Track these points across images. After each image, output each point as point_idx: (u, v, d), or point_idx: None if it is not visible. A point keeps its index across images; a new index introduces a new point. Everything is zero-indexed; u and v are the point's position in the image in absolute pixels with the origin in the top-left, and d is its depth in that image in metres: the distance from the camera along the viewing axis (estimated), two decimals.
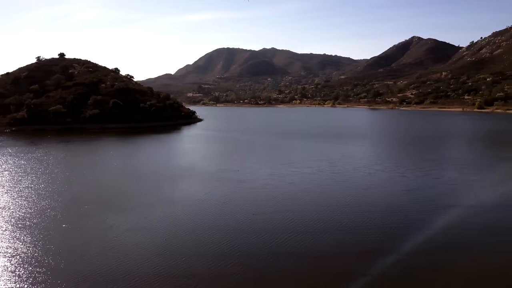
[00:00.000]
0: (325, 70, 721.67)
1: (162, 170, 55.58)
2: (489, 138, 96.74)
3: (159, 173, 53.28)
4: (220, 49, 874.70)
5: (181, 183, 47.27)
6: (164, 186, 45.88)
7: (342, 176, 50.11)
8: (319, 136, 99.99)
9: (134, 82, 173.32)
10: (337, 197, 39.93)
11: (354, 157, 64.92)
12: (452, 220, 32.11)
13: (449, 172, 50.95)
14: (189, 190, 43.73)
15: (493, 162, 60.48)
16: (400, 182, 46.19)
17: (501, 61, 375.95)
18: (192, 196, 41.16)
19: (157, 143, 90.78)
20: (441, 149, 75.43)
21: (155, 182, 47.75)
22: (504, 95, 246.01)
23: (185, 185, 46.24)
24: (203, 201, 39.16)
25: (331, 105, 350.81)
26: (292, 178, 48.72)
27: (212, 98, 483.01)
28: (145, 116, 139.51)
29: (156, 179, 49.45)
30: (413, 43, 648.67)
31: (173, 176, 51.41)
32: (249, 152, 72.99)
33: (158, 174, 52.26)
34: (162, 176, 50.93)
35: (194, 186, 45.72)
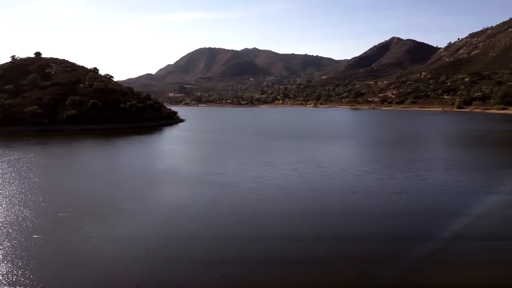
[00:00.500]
0: (307, 70, 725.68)
1: (143, 173, 53.30)
2: (473, 138, 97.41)
3: (140, 177, 51.01)
4: (202, 49, 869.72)
5: (163, 188, 45.15)
6: (146, 191, 43.70)
7: (330, 178, 48.87)
8: (303, 137, 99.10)
9: (114, 82, 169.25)
10: (327, 201, 38.55)
11: (340, 158, 63.90)
12: (448, 225, 31.15)
13: (437, 173, 50.32)
14: (172, 195, 41.68)
15: (480, 162, 60.31)
16: (389, 184, 45.21)
17: (478, 62, 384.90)
18: (175, 201, 39.15)
19: (138, 145, 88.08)
20: (426, 149, 75.21)
21: (136, 186, 45.51)
22: (482, 95, 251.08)
23: (168, 190, 44.16)
24: (187, 206, 37.23)
25: (313, 105, 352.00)
26: (279, 181, 47.22)
27: (194, 98, 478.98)
28: (125, 117, 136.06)
29: (137, 183, 47.20)
30: (392, 43, 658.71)
31: (154, 180, 49.21)
32: (233, 154, 71.25)
33: (139, 178, 50.00)
34: (143, 180, 48.69)
35: (177, 190, 43.69)
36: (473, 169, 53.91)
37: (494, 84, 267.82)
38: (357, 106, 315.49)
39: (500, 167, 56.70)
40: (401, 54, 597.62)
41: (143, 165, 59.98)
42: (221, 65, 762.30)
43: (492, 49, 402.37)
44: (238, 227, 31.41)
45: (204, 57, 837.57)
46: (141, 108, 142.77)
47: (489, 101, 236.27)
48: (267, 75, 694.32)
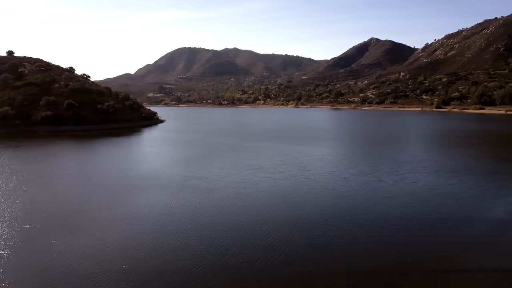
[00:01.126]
0: (287, 70, 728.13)
1: (122, 178, 50.48)
2: (455, 137, 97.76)
3: (118, 182, 48.21)
4: (182, 49, 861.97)
5: (143, 194, 42.53)
6: (124, 198, 41.03)
7: (317, 182, 47.22)
8: (287, 138, 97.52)
9: (91, 82, 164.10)
10: (316, 207, 36.78)
11: (326, 160, 62.50)
12: (445, 231, 29.82)
13: (425, 175, 49.29)
14: (152, 203, 39.15)
15: (466, 163, 59.83)
16: (378, 188, 43.86)
17: (454, 62, 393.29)
18: (156, 210, 36.69)
19: (116, 147, 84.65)
20: (411, 150, 74.60)
21: (114, 193, 42.76)
22: (459, 95, 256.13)
23: (148, 196, 41.59)
24: (169, 215, 34.83)
25: (295, 105, 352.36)
26: (265, 186, 45.29)
27: (174, 98, 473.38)
28: (103, 117, 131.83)
29: (115, 189, 44.44)
30: (371, 44, 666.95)
31: (133, 185, 46.50)
32: (216, 156, 68.94)
33: (117, 184, 47.21)
34: (122, 186, 45.94)
35: (158, 197, 41.17)
36: (459, 170, 53.16)
37: (471, 85, 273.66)
38: (338, 106, 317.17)
39: (487, 169, 56.32)
40: (380, 54, 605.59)
41: (122, 169, 57.07)
42: (201, 65, 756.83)
43: (467, 50, 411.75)
44: (225, 237, 29.28)
45: (184, 57, 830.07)
46: (119, 109, 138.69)
47: (466, 101, 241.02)
48: (248, 75, 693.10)
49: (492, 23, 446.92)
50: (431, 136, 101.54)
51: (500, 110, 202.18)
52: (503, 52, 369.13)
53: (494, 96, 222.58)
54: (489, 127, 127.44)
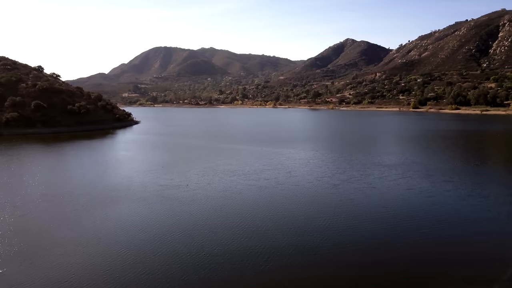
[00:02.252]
0: (264, 70, 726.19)
1: (91, 188, 45.72)
2: (439, 138, 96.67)
3: (87, 193, 43.48)
4: (157, 48, 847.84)
5: (114, 208, 38.07)
6: (93, 213, 36.51)
7: (306, 190, 43.89)
8: (268, 140, 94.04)
9: (61, 82, 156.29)
10: (310, 221, 33.26)
11: (312, 164, 59.34)
12: (450, 248, 26.92)
13: (419, 181, 46.70)
14: (124, 218, 34.81)
15: (456, 166, 57.85)
16: (372, 195, 40.87)
17: (428, 63, 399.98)
18: (129, 227, 32.43)
19: (87, 152, 79.07)
20: (398, 152, 72.25)
21: (82, 207, 38.16)
22: (435, 95, 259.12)
23: (120, 210, 37.21)
24: (144, 233, 30.66)
25: (273, 106, 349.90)
26: (251, 195, 41.62)
27: (150, 98, 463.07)
28: (74, 119, 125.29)
29: (83, 202, 39.80)
30: (347, 45, 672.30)
31: (104, 197, 41.92)
32: (195, 161, 64.69)
33: (86, 195, 42.50)
34: (91, 198, 41.31)
35: (131, 211, 36.84)
36: (452, 175, 50.94)
37: (445, 85, 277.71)
38: (316, 106, 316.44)
39: (478, 171, 54.45)
40: (356, 55, 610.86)
41: (92, 177, 52.17)
42: (177, 65, 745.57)
43: (441, 51, 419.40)
44: (210, 262, 25.44)
45: (160, 56, 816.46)
46: (91, 110, 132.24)
47: (442, 101, 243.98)
48: (225, 75, 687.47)
49: (463, 25, 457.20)
50: (415, 137, 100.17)
51: (475, 110, 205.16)
52: (475, 53, 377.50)
53: (469, 96, 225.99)
54: (469, 128, 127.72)
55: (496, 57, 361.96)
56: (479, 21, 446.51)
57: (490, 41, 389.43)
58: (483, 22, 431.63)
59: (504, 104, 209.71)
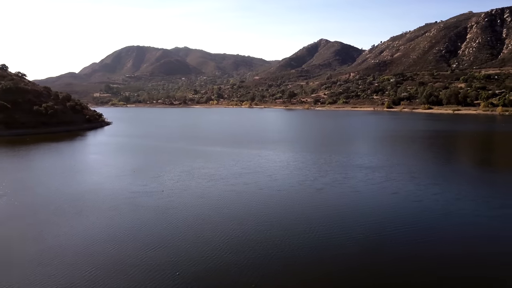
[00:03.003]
0: (239, 70, 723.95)
1: (57, 197, 41.95)
2: (418, 138, 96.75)
3: (52, 202, 39.75)
4: (130, 47, 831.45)
5: (80, 219, 34.63)
6: (58, 225, 33.06)
7: (288, 193, 41.70)
8: (246, 141, 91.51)
9: (27, 81, 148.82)
10: (295, 229, 30.98)
11: (292, 167, 57.27)
12: (444, 256, 25.20)
13: (404, 184, 45.29)
14: (93, 232, 31.50)
15: (440, 168, 57.05)
16: (358, 200, 39.08)
17: (400, 63, 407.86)
18: (98, 242, 29.20)
19: (53, 156, 74.24)
20: (378, 153, 71.06)
21: (45, 219, 34.60)
22: (408, 95, 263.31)
23: (87, 222, 33.83)
24: (113, 249, 27.57)
25: (249, 106, 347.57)
26: (230, 202, 39.00)
27: (122, 98, 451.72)
28: (40, 121, 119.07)
29: (47, 212, 36.18)
30: (321, 45, 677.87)
31: (70, 206, 38.36)
32: (169, 164, 61.35)
33: (50, 204, 38.80)
34: (55, 208, 37.67)
35: (98, 223, 33.55)
36: (436, 177, 49.93)
37: (418, 85, 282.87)
38: (291, 106, 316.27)
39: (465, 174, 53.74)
40: (329, 55, 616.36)
41: (58, 184, 48.23)
42: (150, 64, 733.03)
43: (412, 52, 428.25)
44: (184, 283, 22.72)
45: (133, 55, 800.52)
46: (59, 111, 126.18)
47: (415, 101, 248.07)
48: (199, 74, 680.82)
49: (433, 27, 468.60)
50: (393, 138, 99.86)
51: (447, 109, 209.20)
52: (444, 54, 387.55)
53: (441, 96, 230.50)
54: (444, 127, 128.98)
55: (465, 58, 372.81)
56: (448, 23, 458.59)
57: (459, 42, 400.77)
58: (451, 24, 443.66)
59: (474, 104, 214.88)
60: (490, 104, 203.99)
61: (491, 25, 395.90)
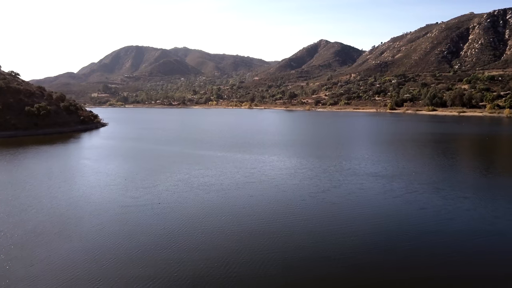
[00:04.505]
0: (238, 71, 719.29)
1: (37, 212, 36.85)
2: (429, 142, 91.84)
3: (31, 219, 34.68)
4: (128, 47, 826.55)
5: (62, 242, 29.50)
6: (33, 250, 27.99)
7: (300, 209, 36.66)
8: (247, 145, 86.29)
9: (21, 81, 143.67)
10: (313, 258, 26.04)
11: (300, 175, 52.21)
12: None
13: (429, 197, 40.17)
14: (73, 261, 26.42)
15: (464, 178, 52.06)
16: (382, 219, 33.99)
17: (402, 64, 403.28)
18: (80, 276, 24.17)
19: (41, 160, 68.96)
20: (392, 160, 65.73)
21: (19, 240, 29.52)
22: (411, 96, 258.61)
23: (69, 247, 28.72)
24: (99, 285, 22.60)
25: (248, 107, 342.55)
26: (236, 219, 33.96)
27: (120, 98, 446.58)
28: (32, 121, 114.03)
29: (23, 233, 31.11)
30: (321, 45, 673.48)
31: (51, 225, 33.24)
32: (165, 171, 56.23)
33: (28, 222, 33.72)
34: (34, 227, 32.59)
35: (83, 248, 28.47)
36: (463, 188, 44.96)
37: (420, 86, 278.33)
38: (292, 107, 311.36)
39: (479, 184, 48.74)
40: (329, 56, 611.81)
41: (40, 195, 43.06)
42: (149, 64, 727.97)
43: (414, 53, 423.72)
44: None
45: (131, 55, 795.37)
46: (52, 111, 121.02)
47: (418, 102, 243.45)
48: (199, 75, 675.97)
49: (434, 27, 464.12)
50: (404, 141, 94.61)
51: (452, 111, 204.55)
52: (446, 55, 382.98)
53: (445, 97, 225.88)
54: (453, 130, 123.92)
55: (467, 59, 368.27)
56: (449, 23, 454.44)
57: (461, 43, 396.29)
58: (453, 24, 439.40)
59: (479, 106, 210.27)
60: (496, 106, 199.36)
61: (493, 26, 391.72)
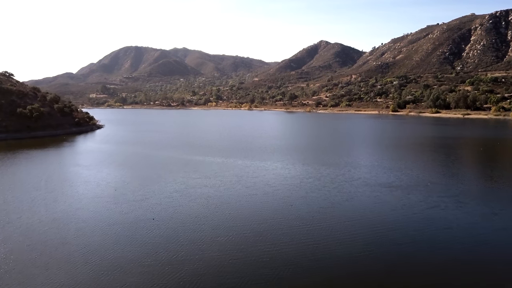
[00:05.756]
0: (238, 71, 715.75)
1: (11, 234, 32.52)
2: (440, 147, 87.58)
3: (3, 241, 30.35)
4: (128, 47, 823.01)
5: (37, 273, 25.25)
6: (15, 272, 23.69)
7: (311, 228, 32.36)
8: (249, 149, 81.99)
9: (15, 81, 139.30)
10: None
11: (308, 186, 47.90)
12: None
13: (453, 214, 35.84)
14: None
15: (486, 189, 47.78)
16: (404, 239, 29.73)
17: (403, 66, 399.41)
18: None
19: (28, 167, 64.49)
20: (405, 169, 60.76)
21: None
22: (413, 98, 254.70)
23: (44, 279, 24.45)
24: None
25: (248, 108, 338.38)
26: (242, 245, 29.60)
27: (119, 99, 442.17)
28: (24, 124, 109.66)
29: (2, 253, 26.85)
30: (321, 46, 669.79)
31: (27, 250, 28.90)
32: (161, 181, 51.85)
33: (8, 241, 29.45)
34: (7, 252, 28.25)
35: (63, 275, 24.20)
36: (488, 202, 40.69)
37: (423, 88, 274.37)
38: (292, 109, 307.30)
39: None
40: (329, 57, 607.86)
41: (18, 210, 38.62)
42: (148, 65, 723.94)
43: (415, 54, 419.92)
44: None
45: (131, 56, 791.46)
46: (45, 113, 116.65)
47: (421, 104, 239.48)
48: (198, 75, 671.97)
49: (435, 28, 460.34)
50: (411, 146, 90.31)
51: (456, 114, 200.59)
52: (448, 56, 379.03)
53: (448, 99, 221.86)
54: (462, 134, 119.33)
55: (469, 60, 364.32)
56: (451, 24, 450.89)
57: (463, 45, 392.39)
58: (455, 25, 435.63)
59: (484, 108, 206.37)
60: (501, 108, 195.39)
61: (495, 27, 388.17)
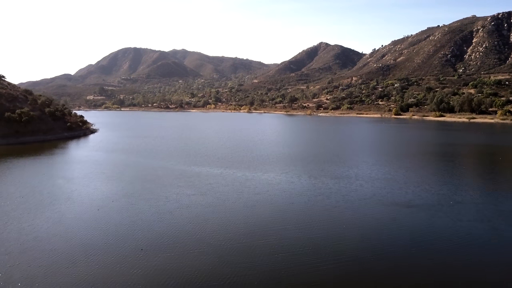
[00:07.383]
0: (237, 73, 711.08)
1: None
2: (454, 156, 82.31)
3: None
4: (126, 49, 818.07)
5: None
6: None
7: (324, 254, 27.11)
8: (250, 158, 76.59)
9: (7, 84, 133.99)
10: None
11: (316, 206, 42.65)
12: None
13: (495, 246, 30.76)
14: None
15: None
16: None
17: (404, 68, 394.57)
18: None
19: (15, 178, 58.99)
20: (423, 184, 55.58)
21: None
22: (416, 101, 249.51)
23: None
24: None
25: (247, 110, 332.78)
26: (249, 280, 24.39)
27: (116, 101, 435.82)
28: (13, 129, 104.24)
29: None
30: (321, 48, 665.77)
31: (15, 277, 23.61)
32: (154, 198, 46.49)
33: None
34: None
35: None
36: (498, 222, 35.52)
37: (425, 90, 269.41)
38: (293, 112, 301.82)
39: None
40: (329, 59, 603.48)
41: (8, 231, 33.32)
42: (147, 66, 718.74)
43: (416, 56, 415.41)
44: None
45: (129, 57, 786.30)
46: (36, 117, 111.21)
47: (424, 107, 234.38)
48: (197, 77, 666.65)
49: (436, 30, 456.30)
50: (424, 155, 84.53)
51: (461, 117, 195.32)
52: (450, 58, 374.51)
53: (452, 103, 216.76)
54: (475, 140, 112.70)
55: (471, 63, 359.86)
56: (452, 26, 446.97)
57: (465, 47, 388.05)
58: (456, 27, 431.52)
59: (489, 112, 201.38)
60: (508, 112, 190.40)
61: (497, 29, 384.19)
